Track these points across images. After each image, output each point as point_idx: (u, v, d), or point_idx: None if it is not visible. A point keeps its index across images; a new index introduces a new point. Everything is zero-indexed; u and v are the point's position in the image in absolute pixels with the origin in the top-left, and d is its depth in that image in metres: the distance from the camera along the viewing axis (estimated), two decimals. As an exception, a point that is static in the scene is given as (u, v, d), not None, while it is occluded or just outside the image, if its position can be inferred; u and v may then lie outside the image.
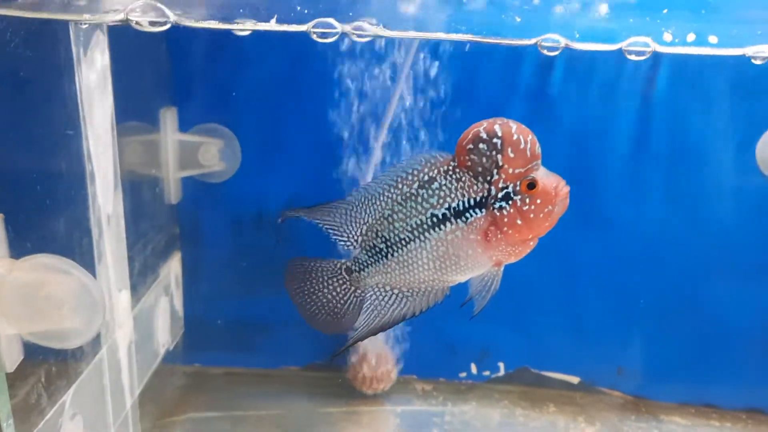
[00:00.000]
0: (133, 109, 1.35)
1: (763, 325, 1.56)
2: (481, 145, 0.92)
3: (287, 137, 1.58)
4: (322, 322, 1.03)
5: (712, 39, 0.99)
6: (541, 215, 0.94)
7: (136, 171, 1.40)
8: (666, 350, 1.62)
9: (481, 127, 0.92)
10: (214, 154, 1.57)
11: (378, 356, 1.63)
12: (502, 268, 0.98)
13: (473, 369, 1.70)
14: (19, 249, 0.94)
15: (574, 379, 1.68)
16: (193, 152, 1.56)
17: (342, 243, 1.00)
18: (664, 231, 1.55)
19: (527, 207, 0.94)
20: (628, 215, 1.56)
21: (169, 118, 1.52)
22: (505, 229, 0.95)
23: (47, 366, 1.04)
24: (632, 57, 1.07)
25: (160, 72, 1.51)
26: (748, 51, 0.97)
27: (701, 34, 0.99)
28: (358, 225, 0.99)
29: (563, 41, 1.07)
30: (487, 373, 1.70)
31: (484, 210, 0.95)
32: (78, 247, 1.13)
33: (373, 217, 0.98)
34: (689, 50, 1.00)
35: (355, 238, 1.00)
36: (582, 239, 1.58)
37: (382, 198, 0.98)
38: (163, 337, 1.54)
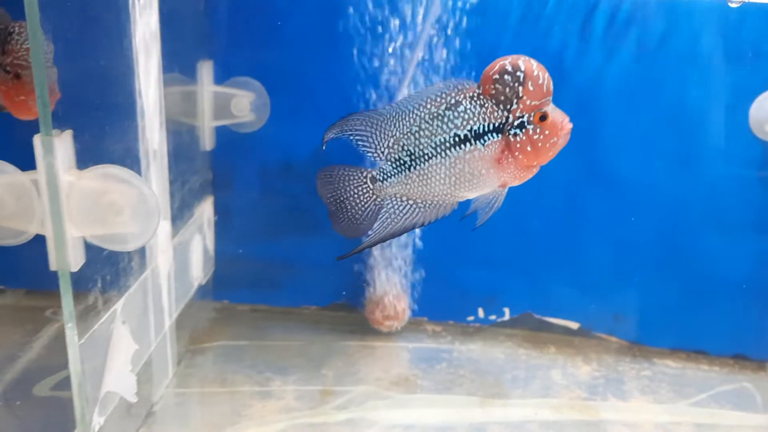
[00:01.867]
0: (175, 60, 1.47)
1: (749, 277, 1.66)
2: (505, 77, 1.04)
3: (315, 90, 1.68)
4: (344, 227, 1.16)
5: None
6: (548, 145, 1.06)
7: (175, 118, 1.52)
8: (660, 299, 1.71)
9: (507, 61, 1.04)
10: (246, 106, 1.69)
11: (393, 297, 1.76)
12: (506, 190, 1.11)
13: (480, 313, 1.81)
14: (83, 164, 1.06)
15: (574, 325, 1.78)
16: (226, 103, 1.68)
17: (369, 153, 1.12)
18: (662, 187, 1.64)
19: (537, 136, 1.06)
20: (630, 172, 1.65)
21: (205, 70, 1.64)
22: (516, 153, 1.07)
23: (103, 276, 1.18)
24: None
25: (199, 27, 1.63)
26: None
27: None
28: (386, 137, 1.10)
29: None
30: (493, 317, 1.81)
31: (500, 135, 1.07)
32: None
33: (401, 131, 1.10)
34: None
35: (382, 150, 1.11)
36: (586, 194, 1.68)
37: (411, 115, 1.09)
38: (196, 271, 1.67)
